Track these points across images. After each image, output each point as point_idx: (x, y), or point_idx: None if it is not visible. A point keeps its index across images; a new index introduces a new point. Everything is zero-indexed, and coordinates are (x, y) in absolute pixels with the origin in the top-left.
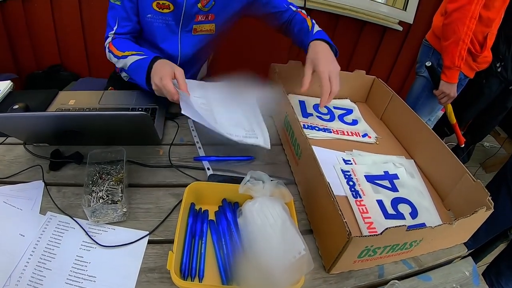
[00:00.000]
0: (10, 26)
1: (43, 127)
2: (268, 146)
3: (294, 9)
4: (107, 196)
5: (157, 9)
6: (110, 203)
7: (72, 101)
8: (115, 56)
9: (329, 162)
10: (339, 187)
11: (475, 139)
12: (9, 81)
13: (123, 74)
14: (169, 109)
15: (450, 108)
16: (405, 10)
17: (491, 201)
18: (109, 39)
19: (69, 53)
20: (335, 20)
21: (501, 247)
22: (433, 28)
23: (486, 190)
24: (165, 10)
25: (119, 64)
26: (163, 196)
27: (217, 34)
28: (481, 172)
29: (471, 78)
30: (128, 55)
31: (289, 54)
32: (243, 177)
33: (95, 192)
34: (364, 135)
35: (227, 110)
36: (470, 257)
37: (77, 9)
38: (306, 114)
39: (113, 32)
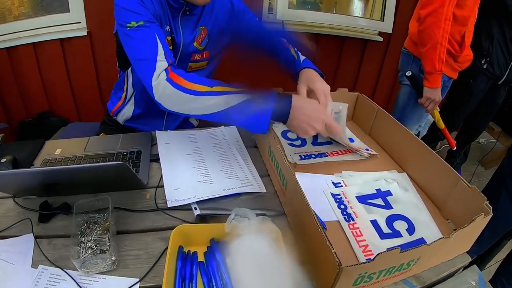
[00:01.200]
0: None
1: (29, 182)
2: (263, 189)
3: (276, 38)
4: (96, 245)
5: (169, 45)
6: (99, 253)
7: (58, 150)
8: (191, 91)
9: (319, 187)
10: (330, 213)
11: (470, 139)
12: None
13: (122, 118)
14: (152, 151)
15: (437, 114)
16: (383, 21)
17: (489, 205)
18: (161, 67)
19: (57, 100)
20: (315, 40)
21: (509, 246)
22: (410, 35)
23: (483, 195)
24: (170, 47)
25: (197, 103)
26: (152, 241)
27: (208, 69)
28: (480, 169)
29: (455, 78)
30: (225, 91)
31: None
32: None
33: (83, 243)
34: (367, 149)
35: (220, 160)
36: (474, 266)
37: (61, 56)
38: (296, 145)
39: (163, 57)
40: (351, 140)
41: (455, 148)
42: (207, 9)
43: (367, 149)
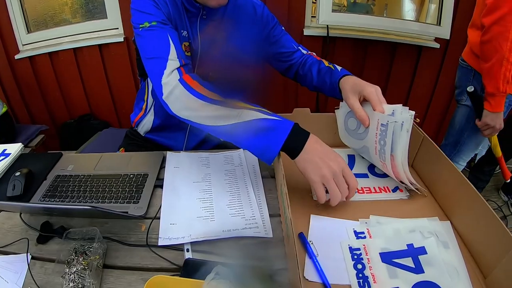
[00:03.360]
0: (41, 80)
1: (29, 210)
2: (270, 234)
3: (304, 51)
4: (78, 279)
5: (184, 50)
6: (80, 287)
7: (71, 166)
8: (204, 97)
9: (336, 237)
10: (342, 273)
11: None
12: (19, 144)
13: (142, 129)
14: (160, 174)
15: (495, 140)
16: (440, 25)
17: None
18: (173, 66)
19: (97, 103)
20: (363, 46)
21: None
22: (469, 44)
23: None
24: (187, 53)
25: (206, 110)
26: (135, 282)
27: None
28: None
29: None
30: (240, 105)
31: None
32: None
33: (67, 274)
34: (395, 189)
35: (228, 192)
36: None
37: (99, 61)
38: None
39: (176, 57)
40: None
41: (508, 180)
42: (227, 17)
43: (394, 189)
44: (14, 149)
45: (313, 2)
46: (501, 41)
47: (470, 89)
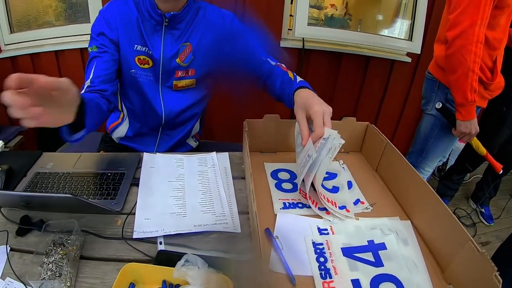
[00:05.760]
0: None
1: (9, 201)
2: (238, 229)
3: (273, 63)
4: (56, 268)
5: (139, 64)
6: (58, 276)
7: (50, 164)
8: None
9: (300, 233)
10: (305, 266)
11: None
12: (0, 141)
13: (116, 135)
14: (136, 174)
15: (476, 141)
16: (411, 40)
17: (499, 278)
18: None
19: None
20: (338, 59)
21: None
22: (435, 58)
23: (493, 264)
24: (145, 66)
25: None
26: (110, 272)
27: (200, 89)
28: None
29: (484, 107)
30: None
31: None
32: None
33: (45, 264)
34: (356, 202)
35: (200, 191)
36: None
37: (80, 65)
38: (284, 189)
39: (89, 81)
40: (349, 183)
41: (501, 171)
42: (193, 25)
43: (357, 201)
44: None
45: (290, 16)
46: (464, 54)
47: (438, 105)
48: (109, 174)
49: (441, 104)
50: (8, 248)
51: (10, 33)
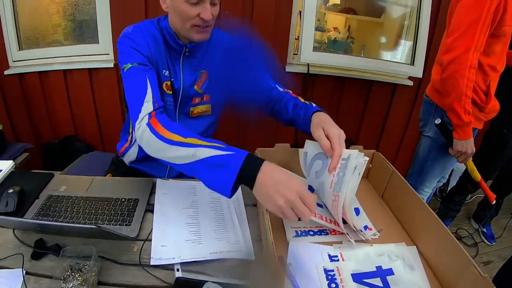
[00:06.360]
0: (29, 98)
1: (23, 226)
2: (252, 257)
3: (281, 89)
4: None
5: (165, 89)
6: None
7: (63, 187)
8: (165, 139)
9: (312, 260)
10: None
11: (503, 193)
12: (11, 161)
13: (127, 159)
14: (150, 200)
15: (471, 165)
16: (413, 65)
17: None
18: (146, 111)
19: (83, 126)
20: (341, 83)
21: None
22: (432, 81)
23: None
24: (169, 92)
25: (170, 152)
26: None
27: (214, 115)
28: None
29: (481, 128)
30: (197, 144)
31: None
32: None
33: None
34: (365, 228)
35: (214, 218)
36: None
37: (88, 85)
38: None
39: (151, 100)
40: (357, 210)
41: (494, 202)
42: (209, 52)
43: (365, 227)
44: (5, 166)
45: (295, 39)
46: (458, 78)
47: (438, 121)
48: (123, 199)
49: (440, 120)
50: (24, 272)
51: (19, 49)
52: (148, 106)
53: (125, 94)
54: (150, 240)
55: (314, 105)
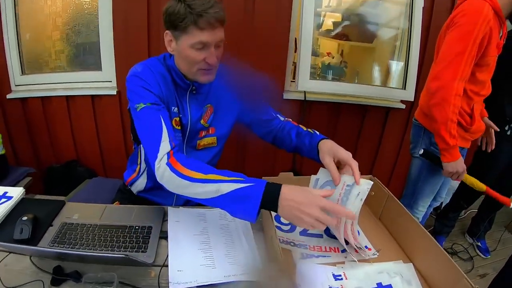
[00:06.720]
0: (31, 122)
1: (43, 254)
2: (263, 278)
3: (282, 118)
4: None
5: (175, 125)
6: None
7: (76, 215)
8: (187, 177)
9: (318, 280)
10: None
11: (496, 206)
12: (21, 188)
13: (135, 188)
14: (163, 227)
15: (469, 179)
16: (405, 89)
17: None
18: (164, 150)
19: (85, 151)
20: (337, 109)
21: None
22: (420, 106)
23: None
24: (177, 127)
25: (192, 189)
26: None
27: (219, 146)
28: (507, 235)
29: (468, 147)
30: (218, 179)
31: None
32: None
33: None
34: (344, 251)
35: (225, 244)
36: None
37: (91, 111)
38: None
39: (167, 140)
40: (357, 231)
41: (511, 205)
42: (214, 87)
43: (366, 247)
44: (16, 192)
45: (293, 63)
46: (445, 105)
47: (421, 152)
48: (136, 227)
49: (422, 150)
50: None
51: (22, 74)
52: (165, 145)
53: (139, 134)
54: (167, 266)
55: (318, 133)
